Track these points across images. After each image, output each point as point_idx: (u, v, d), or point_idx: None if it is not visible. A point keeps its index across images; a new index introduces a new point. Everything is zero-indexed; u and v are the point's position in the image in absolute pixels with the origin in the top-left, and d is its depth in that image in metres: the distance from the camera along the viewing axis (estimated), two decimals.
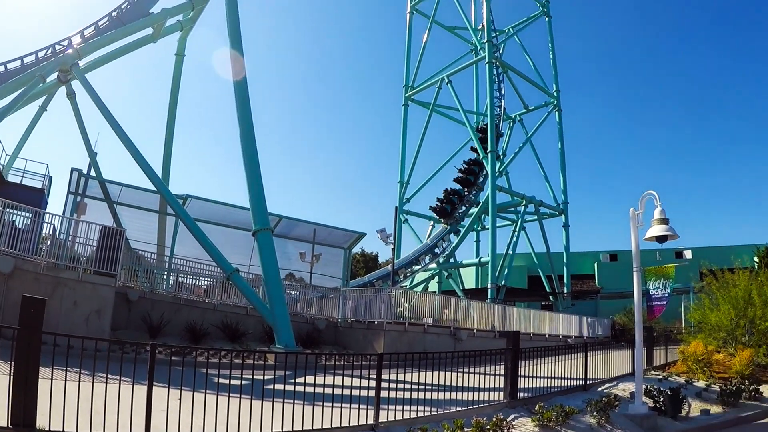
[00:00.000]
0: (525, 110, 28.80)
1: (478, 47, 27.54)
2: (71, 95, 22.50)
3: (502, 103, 28.27)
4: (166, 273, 21.82)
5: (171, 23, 18.43)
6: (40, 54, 18.49)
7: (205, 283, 21.72)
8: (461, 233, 36.01)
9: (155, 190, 21.02)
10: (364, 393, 9.42)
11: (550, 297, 42.18)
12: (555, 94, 27.02)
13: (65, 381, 6.22)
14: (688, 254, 42.72)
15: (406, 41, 28.45)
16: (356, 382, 10.86)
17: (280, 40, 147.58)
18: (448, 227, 38.18)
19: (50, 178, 26.60)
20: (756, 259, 29.11)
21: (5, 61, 18.38)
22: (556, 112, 26.99)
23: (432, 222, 38.82)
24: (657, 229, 11.36)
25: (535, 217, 36.04)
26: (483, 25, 26.99)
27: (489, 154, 25.53)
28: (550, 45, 27.81)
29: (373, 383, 8.64)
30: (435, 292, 38.52)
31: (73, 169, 21.89)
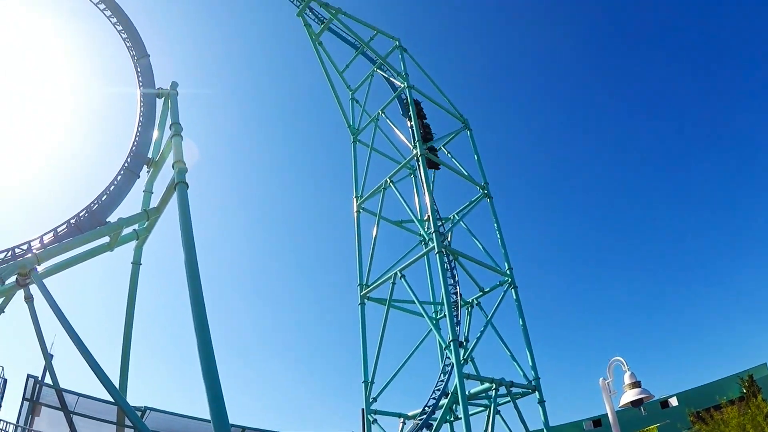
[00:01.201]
0: (481, 293, 29.09)
1: (427, 238, 28.23)
2: (29, 299, 22.12)
3: (458, 290, 28.61)
4: None
5: (127, 232, 18.70)
6: (0, 256, 18.40)
7: None
8: (434, 427, 34.83)
9: (113, 401, 20.10)
10: None
11: None
12: (508, 272, 27.46)
13: None
14: (673, 401, 41.74)
15: (355, 240, 29.12)
16: None
17: (234, 247, 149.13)
18: (420, 422, 36.97)
19: (5, 381, 25.30)
20: (743, 389, 28.62)
21: None
22: (512, 290, 27.42)
23: (402, 419, 37.56)
24: (630, 395, 11.22)
25: (508, 398, 35.28)
26: (428, 216, 27.88)
27: (451, 344, 25.29)
28: (495, 225, 28.87)
29: None
30: None
31: (29, 376, 20.97)
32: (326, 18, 33.40)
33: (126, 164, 17.89)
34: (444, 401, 32.42)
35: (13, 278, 18.64)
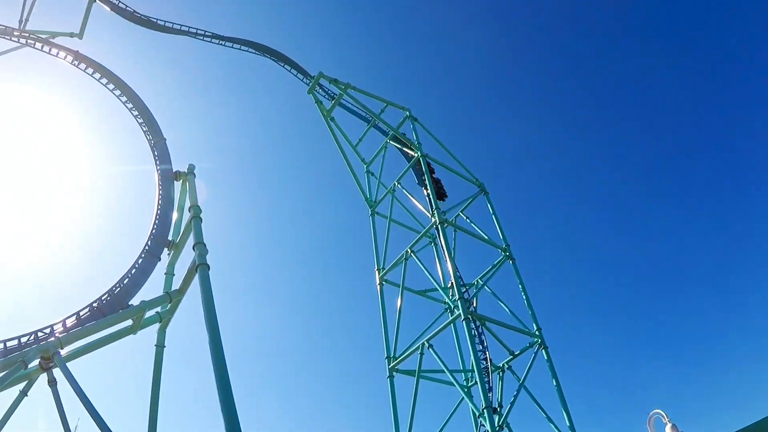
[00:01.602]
0: (512, 356, 28.44)
1: (452, 306, 27.85)
2: (52, 382, 21.74)
3: (487, 355, 28.02)
4: None
5: (150, 315, 18.57)
6: (23, 339, 18.30)
7: None
8: None
9: None
10: None
11: None
12: (537, 332, 26.79)
13: None
14: None
15: (380, 313, 28.75)
16: None
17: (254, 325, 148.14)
18: None
19: None
20: None
21: None
22: (543, 351, 26.78)
23: None
24: None
25: None
26: (452, 283, 27.59)
27: (485, 411, 24.60)
28: (520, 287, 28.45)
29: None
30: None
31: None
32: (336, 93, 33.98)
33: (147, 247, 17.96)
34: None
35: (36, 362, 18.54)
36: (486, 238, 29.93)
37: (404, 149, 33.78)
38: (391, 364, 26.96)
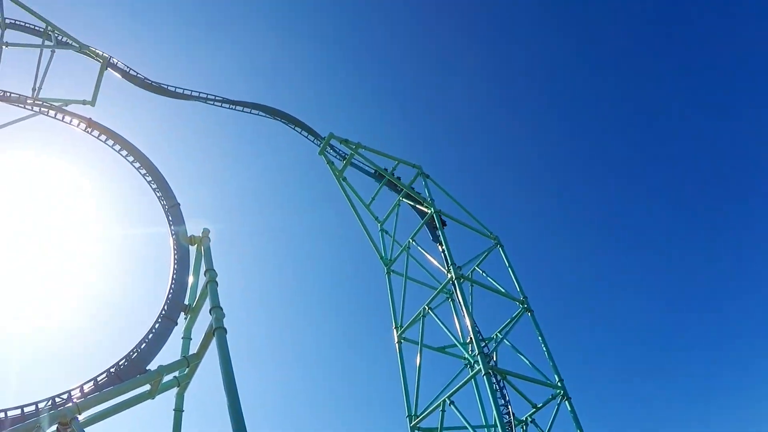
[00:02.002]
0: (534, 409, 27.91)
1: (472, 361, 27.54)
2: None
3: (510, 409, 27.54)
4: None
5: (168, 379, 18.36)
6: (40, 405, 18.11)
7: None
8: None
9: None
10: None
11: None
12: (559, 383, 26.35)
13: None
14: None
15: (400, 372, 28.46)
16: None
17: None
18: None
19: None
20: None
21: (5, 408, 18.00)
22: (566, 402, 26.28)
23: None
24: None
25: None
26: (471, 338, 27.36)
27: None
28: (540, 339, 28.06)
29: None
30: None
31: None
32: (347, 153, 34.33)
33: (163, 311, 17.96)
34: None
35: (53, 428, 18.41)
36: (503, 291, 29.77)
37: (417, 206, 33.91)
38: (413, 423, 26.59)
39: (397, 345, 29.48)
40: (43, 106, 25.29)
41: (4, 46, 24.59)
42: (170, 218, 21.04)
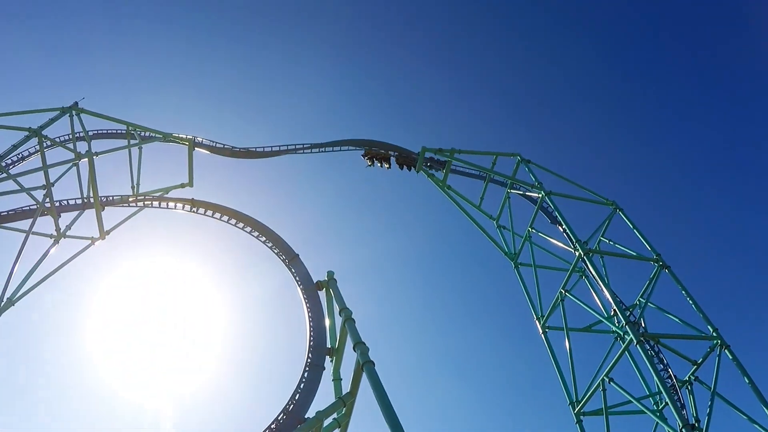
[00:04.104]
0: (695, 366, 26.85)
1: (621, 333, 26.97)
2: None
3: (670, 372, 26.57)
4: None
5: (328, 423, 18.76)
6: None
7: None
8: None
9: None
10: None
11: None
12: (714, 334, 25.25)
13: None
14: None
15: (552, 361, 27.95)
16: None
17: None
18: None
19: None
20: None
21: None
22: (726, 351, 25.08)
23: None
24: None
25: None
26: (614, 310, 26.84)
27: (682, 430, 23.18)
28: (684, 292, 26.92)
29: None
30: None
31: None
32: (444, 161, 34.52)
33: (309, 360, 18.62)
34: None
35: None
36: (635, 254, 29.06)
37: (527, 194, 33.71)
38: (577, 409, 26.29)
39: (543, 336, 29.29)
40: (146, 199, 27.14)
41: (94, 156, 26.27)
42: (293, 271, 21.91)
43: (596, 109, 77.27)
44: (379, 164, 35.86)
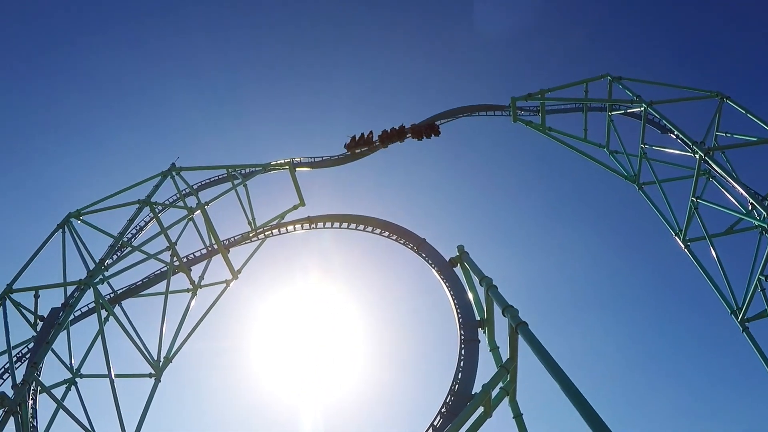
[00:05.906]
0: None
1: (766, 225, 25.73)
2: None
3: None
4: None
5: (496, 393, 18.03)
6: None
7: None
8: None
9: None
10: None
11: None
12: None
13: None
14: None
15: (702, 274, 26.87)
16: None
17: None
18: None
19: None
20: None
21: None
22: None
23: None
24: None
25: None
26: (751, 204, 25.60)
27: None
28: None
29: None
30: None
31: None
32: (538, 106, 33.93)
33: (462, 336, 18.53)
34: None
35: None
36: (757, 139, 27.58)
37: (628, 111, 32.54)
38: (740, 316, 25.24)
39: (686, 250, 28.19)
40: (266, 230, 28.03)
41: (206, 206, 27.42)
42: (423, 255, 22.06)
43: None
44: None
